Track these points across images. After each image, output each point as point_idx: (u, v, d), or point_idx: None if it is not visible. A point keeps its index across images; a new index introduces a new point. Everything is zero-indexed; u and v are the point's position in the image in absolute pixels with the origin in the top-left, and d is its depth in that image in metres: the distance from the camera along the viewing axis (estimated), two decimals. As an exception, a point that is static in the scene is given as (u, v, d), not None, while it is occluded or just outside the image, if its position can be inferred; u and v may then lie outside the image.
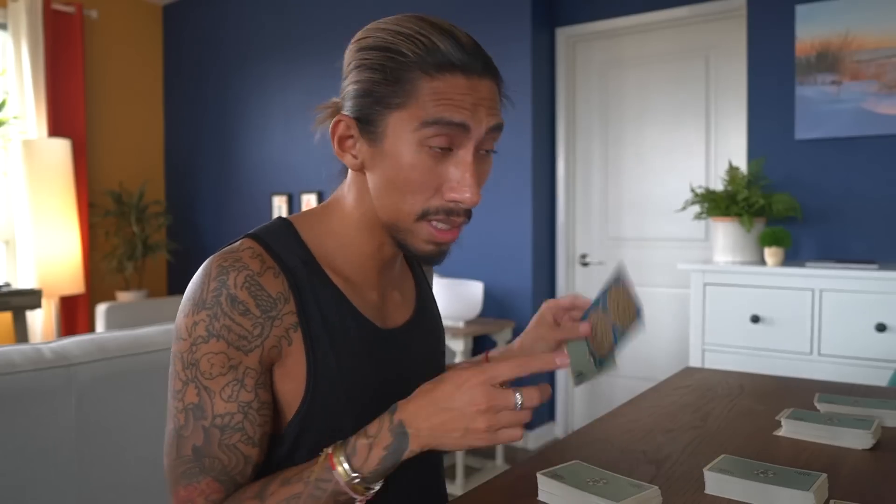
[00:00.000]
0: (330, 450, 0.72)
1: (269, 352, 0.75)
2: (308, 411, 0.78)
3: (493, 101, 0.77)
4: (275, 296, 0.75)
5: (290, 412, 0.79)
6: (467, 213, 0.79)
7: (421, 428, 0.70)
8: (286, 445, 0.79)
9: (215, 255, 0.76)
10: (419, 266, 1.01)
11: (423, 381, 0.87)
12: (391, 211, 0.78)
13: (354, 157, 0.79)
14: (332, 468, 0.70)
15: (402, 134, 0.74)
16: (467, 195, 0.75)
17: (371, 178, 0.79)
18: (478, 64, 0.75)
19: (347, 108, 0.79)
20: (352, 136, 0.79)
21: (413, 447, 0.70)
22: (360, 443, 0.71)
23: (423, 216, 0.77)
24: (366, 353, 0.82)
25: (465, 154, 0.75)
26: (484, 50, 0.77)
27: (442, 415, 0.70)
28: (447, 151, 0.75)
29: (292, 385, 0.78)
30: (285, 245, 0.80)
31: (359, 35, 0.80)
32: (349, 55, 0.80)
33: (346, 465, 0.70)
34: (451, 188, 0.76)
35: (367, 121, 0.76)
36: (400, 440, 0.70)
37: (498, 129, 0.78)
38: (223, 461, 0.73)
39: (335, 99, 0.84)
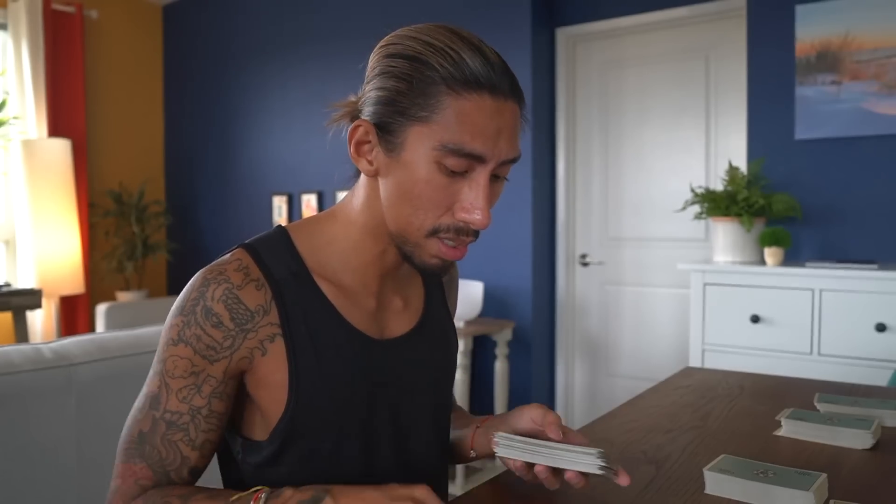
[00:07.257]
0: (262, 488, 0.74)
1: (238, 362, 0.78)
2: (292, 419, 0.79)
3: (514, 128, 0.77)
4: (253, 308, 0.78)
5: (273, 420, 0.80)
6: (476, 233, 0.80)
7: (340, 499, 0.70)
8: (269, 452, 0.81)
9: (206, 266, 0.80)
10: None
11: (425, 392, 0.88)
12: (401, 222, 0.79)
13: (370, 162, 0.79)
14: (253, 500, 0.73)
15: (421, 148, 0.74)
16: (478, 217, 0.76)
17: (384, 187, 0.79)
18: (505, 84, 0.75)
19: (367, 114, 0.78)
20: (369, 142, 0.79)
21: None
22: (286, 490, 0.73)
23: (434, 233, 0.78)
24: (354, 364, 0.82)
25: (481, 177, 0.76)
26: (511, 70, 0.77)
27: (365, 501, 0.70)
28: (463, 172, 0.76)
29: (270, 393, 0.79)
30: (277, 256, 0.81)
31: (386, 40, 0.79)
32: (375, 60, 0.79)
33: (263, 502, 0.72)
34: (463, 208, 0.77)
35: (387, 129, 0.76)
36: (317, 498, 0.71)
37: (514, 161, 0.78)
38: (161, 454, 0.77)
39: (352, 98, 0.83)
